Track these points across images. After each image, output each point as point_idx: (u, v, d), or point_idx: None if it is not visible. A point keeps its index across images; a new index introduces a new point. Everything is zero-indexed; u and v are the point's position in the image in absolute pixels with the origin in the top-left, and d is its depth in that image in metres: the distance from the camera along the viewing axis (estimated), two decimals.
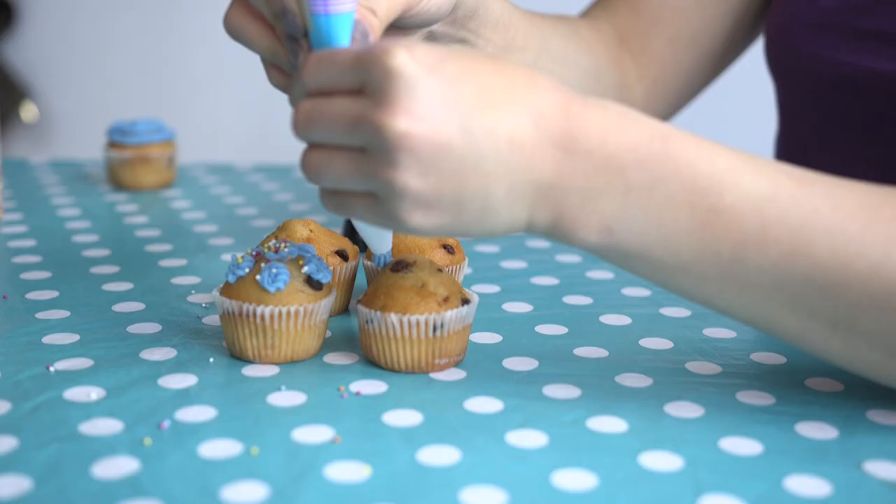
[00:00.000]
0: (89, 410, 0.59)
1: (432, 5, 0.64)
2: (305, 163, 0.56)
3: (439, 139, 0.52)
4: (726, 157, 0.55)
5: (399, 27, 0.65)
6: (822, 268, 0.54)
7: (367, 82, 0.53)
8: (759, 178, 0.55)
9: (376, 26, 0.60)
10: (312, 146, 0.56)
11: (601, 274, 0.85)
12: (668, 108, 0.96)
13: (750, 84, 1.47)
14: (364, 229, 0.66)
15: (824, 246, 0.54)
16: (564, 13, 0.91)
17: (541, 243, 0.94)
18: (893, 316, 0.54)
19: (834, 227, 0.54)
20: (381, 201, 0.54)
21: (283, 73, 0.63)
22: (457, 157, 0.52)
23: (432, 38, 0.71)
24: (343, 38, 0.57)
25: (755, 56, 1.00)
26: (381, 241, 0.67)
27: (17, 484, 0.51)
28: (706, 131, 0.56)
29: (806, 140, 0.92)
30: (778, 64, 0.92)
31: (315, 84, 0.55)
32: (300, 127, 0.55)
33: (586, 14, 0.95)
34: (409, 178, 0.52)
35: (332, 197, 0.57)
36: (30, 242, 0.94)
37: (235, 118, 2.48)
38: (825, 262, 0.54)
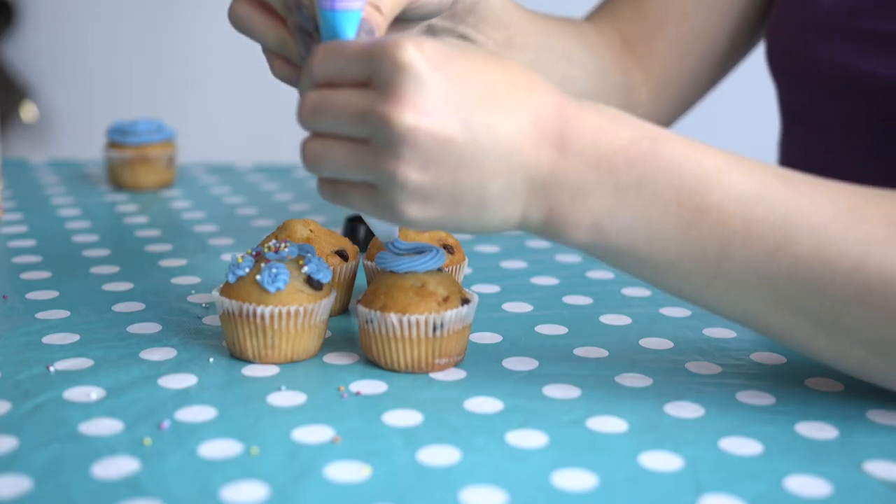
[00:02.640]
0: (89, 410, 0.59)
1: None
2: (306, 151, 0.56)
3: (443, 134, 0.53)
4: (714, 157, 0.56)
5: (399, 19, 0.65)
6: (805, 265, 0.55)
7: (375, 75, 0.53)
8: (746, 178, 0.56)
9: (381, 23, 0.60)
10: (314, 135, 0.56)
11: (601, 274, 0.85)
12: (673, 110, 0.96)
13: (752, 86, 1.46)
14: (370, 217, 0.65)
15: (806, 243, 0.55)
16: (563, 15, 0.91)
17: (541, 243, 0.94)
18: (875, 313, 0.55)
19: (816, 226, 0.55)
20: (380, 192, 0.55)
21: (288, 63, 0.64)
22: (457, 152, 0.53)
23: (431, 31, 0.71)
24: (349, 34, 0.58)
25: (756, 58, 1.00)
26: (386, 228, 0.65)
27: (17, 484, 0.51)
28: (709, 134, 0.57)
29: (808, 141, 0.92)
30: (779, 65, 0.92)
31: (323, 75, 0.55)
32: (306, 116, 0.56)
33: (590, 18, 0.95)
34: (410, 171, 0.53)
35: (330, 186, 0.57)
36: (30, 242, 0.94)
37: (235, 118, 2.48)
38: (807, 260, 0.55)
